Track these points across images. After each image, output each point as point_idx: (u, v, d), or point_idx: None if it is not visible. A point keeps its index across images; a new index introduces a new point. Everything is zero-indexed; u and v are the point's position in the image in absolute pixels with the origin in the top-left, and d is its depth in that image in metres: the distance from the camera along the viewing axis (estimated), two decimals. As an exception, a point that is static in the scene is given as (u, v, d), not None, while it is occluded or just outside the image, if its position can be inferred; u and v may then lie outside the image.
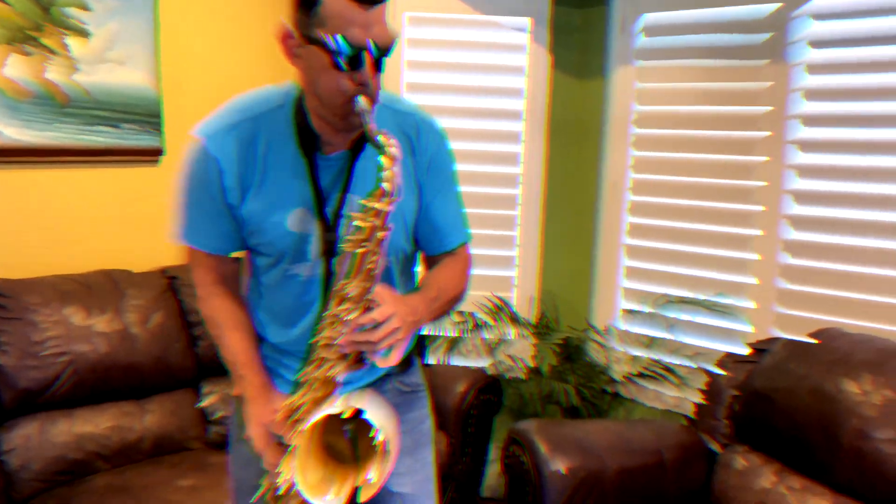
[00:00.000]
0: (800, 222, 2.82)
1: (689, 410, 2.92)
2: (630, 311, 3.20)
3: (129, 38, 2.93)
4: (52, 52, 2.75)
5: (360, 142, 1.54)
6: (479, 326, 3.22)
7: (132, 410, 2.72)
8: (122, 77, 2.94)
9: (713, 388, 2.68)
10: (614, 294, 3.33)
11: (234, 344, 1.63)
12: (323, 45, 1.38)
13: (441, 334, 3.31)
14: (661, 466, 2.50)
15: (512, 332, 3.32)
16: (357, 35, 1.36)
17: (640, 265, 3.25)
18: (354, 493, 1.49)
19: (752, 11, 2.89)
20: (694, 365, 2.99)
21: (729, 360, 2.69)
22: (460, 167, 1.74)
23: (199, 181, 1.55)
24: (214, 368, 2.93)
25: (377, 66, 1.41)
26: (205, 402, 2.89)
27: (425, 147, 1.62)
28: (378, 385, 1.71)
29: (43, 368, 2.53)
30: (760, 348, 2.64)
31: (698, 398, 2.77)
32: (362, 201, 1.42)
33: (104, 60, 2.88)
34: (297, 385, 1.54)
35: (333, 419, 1.45)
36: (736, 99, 2.97)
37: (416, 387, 1.80)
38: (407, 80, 3.39)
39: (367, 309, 1.44)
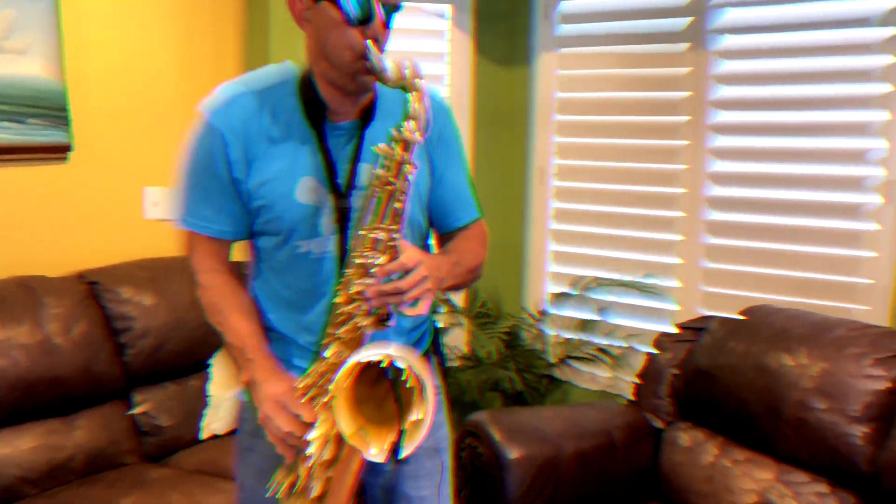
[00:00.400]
0: (720, 203, 2.91)
1: (624, 390, 2.97)
2: (559, 295, 3.22)
3: (28, 26, 2.67)
4: None
5: (370, 110, 1.52)
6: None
7: (59, 428, 2.52)
8: (22, 68, 2.68)
9: (652, 368, 2.74)
10: (543, 279, 3.35)
11: (240, 328, 1.54)
12: (334, 1, 1.37)
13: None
14: (613, 447, 2.54)
15: (444, 320, 3.29)
16: None
17: (568, 249, 3.29)
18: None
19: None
20: (625, 345, 3.04)
21: (667, 339, 2.75)
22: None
23: (203, 158, 1.50)
24: (144, 377, 2.78)
25: (386, 23, 1.42)
26: (137, 410, 2.72)
27: (439, 121, 1.56)
28: None
29: (-42, 389, 2.29)
30: (696, 327, 2.71)
31: (632, 378, 2.83)
32: (391, 130, 1.39)
33: (2, 50, 2.62)
34: (315, 354, 1.49)
35: (363, 376, 1.38)
36: (657, 85, 3.02)
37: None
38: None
39: (395, 257, 1.40)
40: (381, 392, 1.44)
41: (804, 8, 2.68)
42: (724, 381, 2.45)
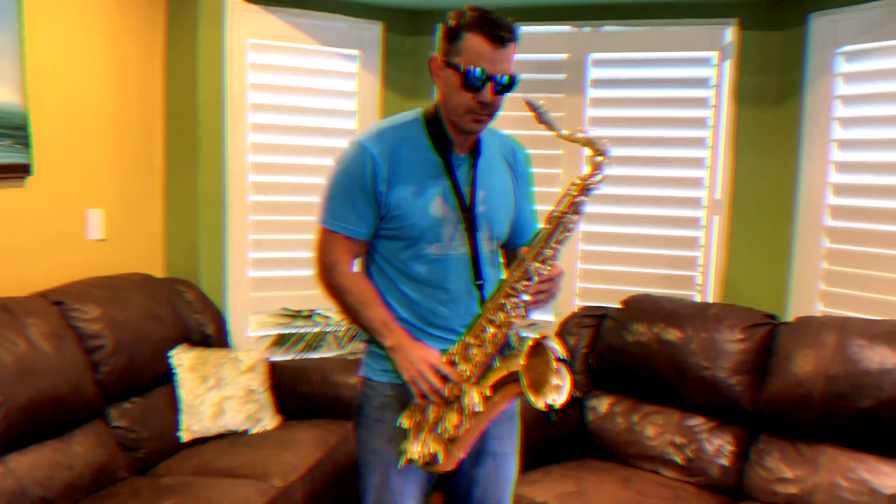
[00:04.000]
0: (589, 218, 3.38)
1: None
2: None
3: None
4: None
5: (476, 147, 1.85)
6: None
7: (61, 447, 2.35)
8: None
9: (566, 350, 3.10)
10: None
11: (380, 309, 1.82)
12: (457, 70, 1.68)
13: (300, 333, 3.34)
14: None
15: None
16: (485, 67, 1.68)
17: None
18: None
19: (552, 56, 3.39)
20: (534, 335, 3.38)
21: (572, 325, 3.13)
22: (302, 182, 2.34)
23: (354, 174, 1.77)
24: (118, 394, 2.63)
25: (501, 93, 1.73)
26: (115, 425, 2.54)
27: (518, 158, 1.98)
28: None
29: (-26, 415, 2.07)
30: (593, 315, 3.13)
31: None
32: (576, 178, 1.77)
33: None
34: (468, 327, 1.78)
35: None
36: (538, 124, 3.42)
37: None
38: (251, 100, 3.29)
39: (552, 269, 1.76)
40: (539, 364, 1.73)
41: (654, 71, 3.26)
42: (635, 353, 2.91)
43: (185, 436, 2.76)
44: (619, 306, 3.10)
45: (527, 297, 1.73)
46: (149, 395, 2.74)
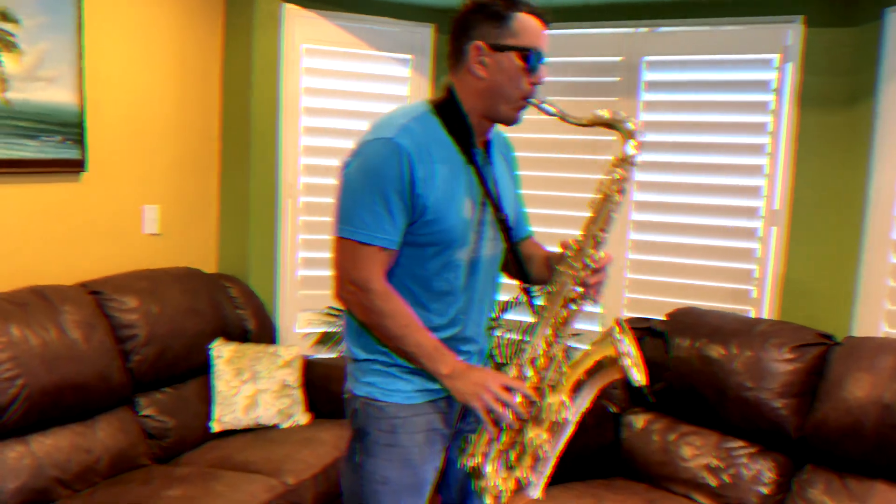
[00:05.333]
0: (641, 226, 3.18)
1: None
2: (507, 302, 3.33)
3: (57, 58, 2.62)
4: None
5: (488, 143, 1.70)
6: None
7: (84, 431, 2.38)
8: (52, 95, 2.62)
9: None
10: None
11: (426, 333, 1.60)
12: (519, 52, 1.55)
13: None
14: (584, 427, 2.63)
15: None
16: (542, 47, 1.58)
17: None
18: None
19: (606, 59, 3.19)
20: (573, 344, 3.19)
21: (613, 339, 2.91)
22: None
23: (388, 176, 1.52)
24: (148, 383, 2.64)
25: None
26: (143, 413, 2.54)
27: (511, 157, 1.85)
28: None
29: (-4, 394, 2.10)
30: (637, 327, 2.89)
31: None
32: (614, 157, 1.63)
33: (36, 79, 2.56)
34: (537, 315, 1.64)
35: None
36: (591, 128, 3.21)
37: None
38: (305, 104, 3.26)
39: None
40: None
41: (710, 75, 3.01)
42: (675, 370, 2.65)
43: (216, 426, 2.75)
44: (663, 318, 2.85)
45: (581, 290, 1.60)
46: (181, 386, 2.75)
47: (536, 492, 1.61)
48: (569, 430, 1.63)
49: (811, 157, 2.90)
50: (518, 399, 1.57)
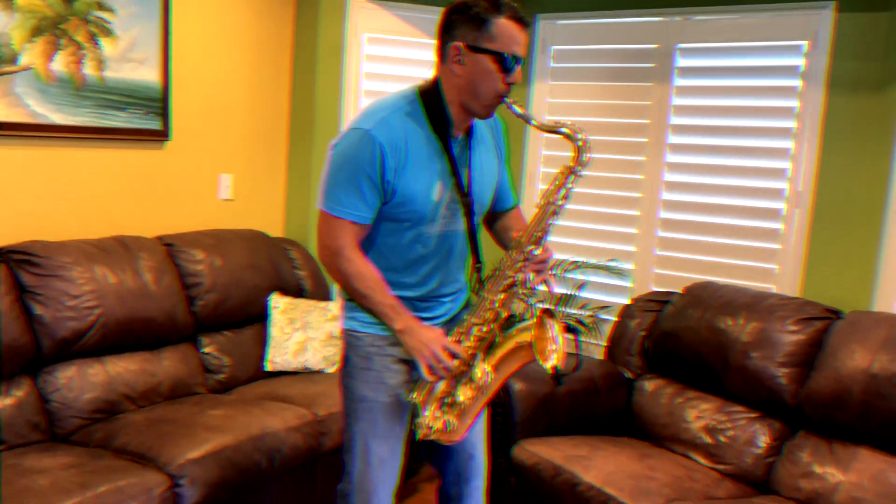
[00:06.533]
0: (671, 205, 3.26)
1: (595, 354, 3.24)
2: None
3: (146, 42, 3.01)
4: (81, 47, 2.80)
5: (470, 129, 1.86)
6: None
7: (150, 358, 2.73)
8: (140, 74, 3.01)
9: (623, 332, 3.01)
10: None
11: (387, 294, 1.83)
12: (494, 55, 1.69)
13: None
14: (596, 391, 2.82)
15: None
16: (518, 51, 1.72)
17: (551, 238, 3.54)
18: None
19: (642, 46, 3.27)
20: (601, 315, 3.32)
21: (635, 308, 3.02)
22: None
23: (361, 162, 1.73)
24: (209, 325, 2.96)
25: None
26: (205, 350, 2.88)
27: (498, 131, 2.00)
28: (455, 320, 1.96)
29: (78, 320, 2.51)
30: (659, 300, 2.99)
31: (601, 343, 3.10)
32: (563, 166, 1.80)
33: (128, 60, 2.96)
34: (471, 305, 1.87)
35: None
36: (627, 112, 3.35)
37: None
38: (364, 87, 3.53)
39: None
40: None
41: (741, 61, 3.06)
42: (684, 339, 2.77)
43: (269, 366, 3.07)
44: (681, 292, 2.94)
45: (521, 277, 1.79)
46: (239, 332, 3.08)
47: (458, 435, 1.85)
48: (489, 393, 1.83)
49: (838, 141, 2.91)
50: (455, 363, 1.80)
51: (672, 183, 3.27)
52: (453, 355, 1.80)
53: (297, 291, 3.32)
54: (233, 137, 3.42)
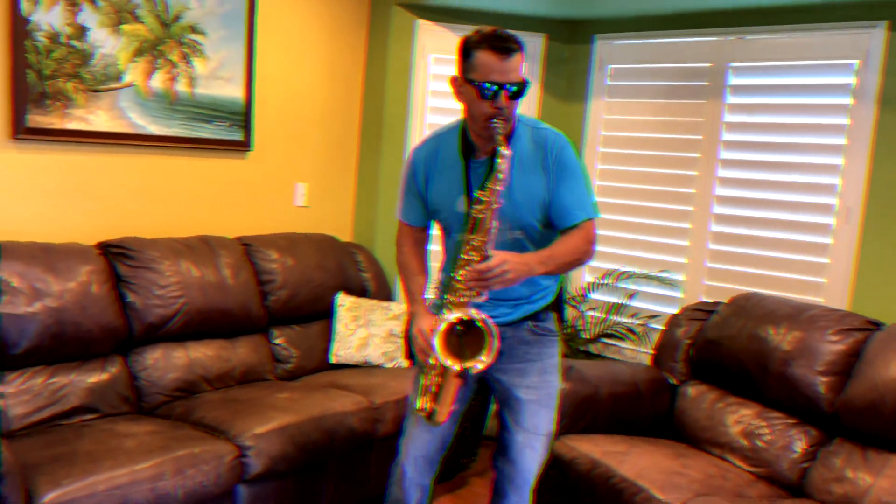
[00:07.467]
0: (722, 219, 3.32)
1: (643, 361, 3.31)
2: (593, 283, 3.58)
3: (233, 62, 3.33)
4: (175, 66, 3.12)
5: (495, 149, 1.98)
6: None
7: (226, 345, 2.98)
8: (226, 91, 3.33)
9: (669, 340, 3.09)
10: (582, 270, 3.73)
11: (415, 281, 2.19)
12: (474, 85, 1.89)
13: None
14: (639, 394, 2.90)
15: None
16: (495, 78, 1.87)
17: (602, 249, 3.66)
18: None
19: (696, 65, 3.36)
20: (651, 324, 3.40)
21: (681, 317, 3.10)
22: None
23: (406, 175, 2.16)
24: (280, 319, 3.20)
25: (514, 97, 1.90)
26: (276, 341, 3.11)
27: (551, 151, 2.02)
28: (516, 325, 2.13)
29: (165, 307, 2.77)
30: (706, 309, 3.06)
31: (649, 351, 3.17)
32: (489, 184, 1.89)
33: (217, 77, 3.28)
34: (439, 307, 2.04)
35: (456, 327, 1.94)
36: (679, 128, 3.42)
37: (547, 331, 2.19)
38: (430, 104, 3.74)
39: (485, 258, 1.89)
40: (470, 338, 1.95)
41: (792, 79, 3.11)
42: (727, 347, 2.84)
43: (333, 358, 3.30)
44: (726, 302, 3.00)
45: (464, 283, 1.91)
46: (307, 326, 3.33)
47: (440, 416, 2.02)
48: (451, 381, 1.97)
49: (888, 157, 2.93)
50: (426, 348, 1.99)
51: (723, 197, 3.34)
52: (430, 344, 1.95)
53: (361, 291, 3.55)
54: (308, 149, 3.69)
